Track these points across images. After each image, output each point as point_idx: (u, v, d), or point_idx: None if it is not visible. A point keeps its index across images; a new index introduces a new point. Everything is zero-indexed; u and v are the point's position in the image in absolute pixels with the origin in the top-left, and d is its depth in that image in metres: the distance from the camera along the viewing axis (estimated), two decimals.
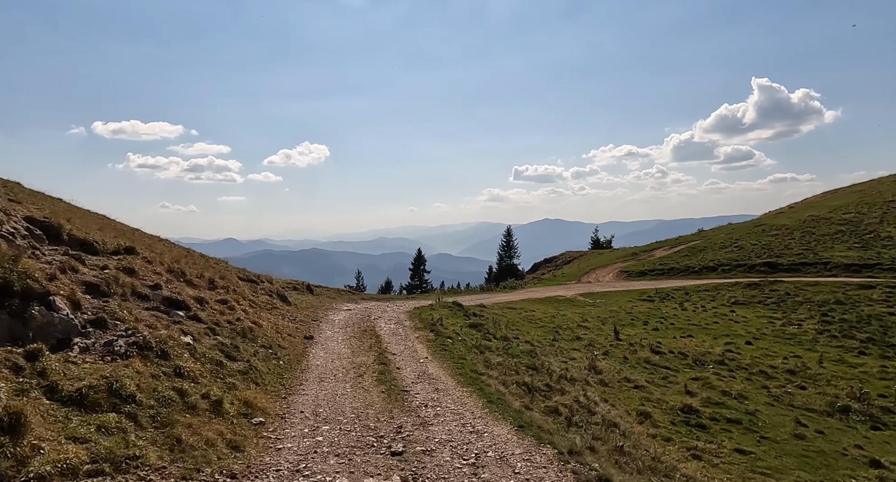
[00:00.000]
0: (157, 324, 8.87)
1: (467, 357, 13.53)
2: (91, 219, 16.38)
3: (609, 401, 15.41)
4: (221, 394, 7.55)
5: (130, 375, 6.29)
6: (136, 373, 6.54)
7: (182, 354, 7.98)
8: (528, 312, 31.66)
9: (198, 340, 9.11)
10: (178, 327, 9.13)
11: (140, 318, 8.88)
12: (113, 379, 5.92)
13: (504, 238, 70.80)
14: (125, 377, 6.10)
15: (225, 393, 7.85)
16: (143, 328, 8.22)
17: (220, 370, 8.55)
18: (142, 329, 8.05)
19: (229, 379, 8.47)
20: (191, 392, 6.93)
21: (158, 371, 7.11)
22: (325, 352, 13.28)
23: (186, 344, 8.39)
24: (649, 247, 56.20)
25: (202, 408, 6.84)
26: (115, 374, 6.04)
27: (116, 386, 5.83)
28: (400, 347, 14.54)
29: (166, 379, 7.01)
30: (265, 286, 21.70)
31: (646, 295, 38.12)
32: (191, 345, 8.49)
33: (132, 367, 6.62)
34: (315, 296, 29.67)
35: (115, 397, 5.73)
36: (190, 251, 21.67)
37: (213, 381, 7.96)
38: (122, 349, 7.07)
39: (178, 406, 6.48)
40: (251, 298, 18.25)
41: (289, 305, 22.00)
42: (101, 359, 6.80)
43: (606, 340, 25.36)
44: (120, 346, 7.08)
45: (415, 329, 18.08)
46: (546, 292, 41.41)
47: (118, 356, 6.92)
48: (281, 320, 17.22)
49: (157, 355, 7.46)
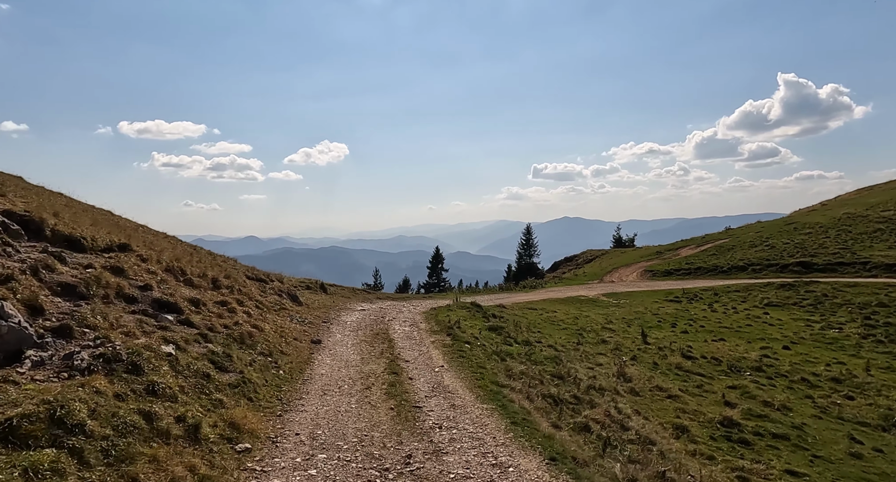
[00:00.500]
0: (137, 331, 7.84)
1: (487, 365, 12.34)
2: (88, 214, 15.51)
3: (642, 414, 14.11)
4: (202, 415, 6.47)
5: (85, 397, 5.23)
6: (94, 393, 5.48)
7: (159, 367, 6.92)
8: (549, 313, 30.40)
9: (183, 349, 8.05)
10: (161, 334, 8.09)
11: (118, 324, 7.86)
12: (59, 404, 4.85)
13: (523, 236, 69.38)
14: (76, 400, 5.03)
15: (207, 413, 6.77)
16: (118, 336, 7.18)
17: (205, 384, 7.48)
18: (115, 337, 7.01)
19: (216, 395, 7.40)
20: (162, 415, 5.85)
21: (126, 389, 6.05)
22: (333, 359, 12.19)
23: (167, 354, 7.34)
24: (674, 245, 54.38)
25: (175, 434, 5.77)
26: (64, 397, 4.98)
27: (61, 412, 4.76)
28: (414, 353, 13.40)
29: (134, 399, 5.95)
30: (275, 285, 20.73)
31: (672, 295, 36.57)
32: (173, 355, 7.43)
33: (91, 386, 5.57)
34: (329, 296, 28.70)
35: (58, 427, 4.66)
36: (197, 248, 20.78)
37: (194, 399, 6.90)
38: (84, 363, 6.02)
39: (144, 434, 5.40)
40: (258, 299, 17.27)
41: (300, 306, 21.01)
42: (55, 375, 5.77)
43: (634, 344, 24.00)
44: (81, 360, 6.04)
45: (430, 332, 16.93)
46: (567, 292, 40.06)
47: (77, 372, 5.88)
48: (288, 322, 16.20)
49: (128, 369, 6.41)
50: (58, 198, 16.93)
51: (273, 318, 15.45)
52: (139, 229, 18.48)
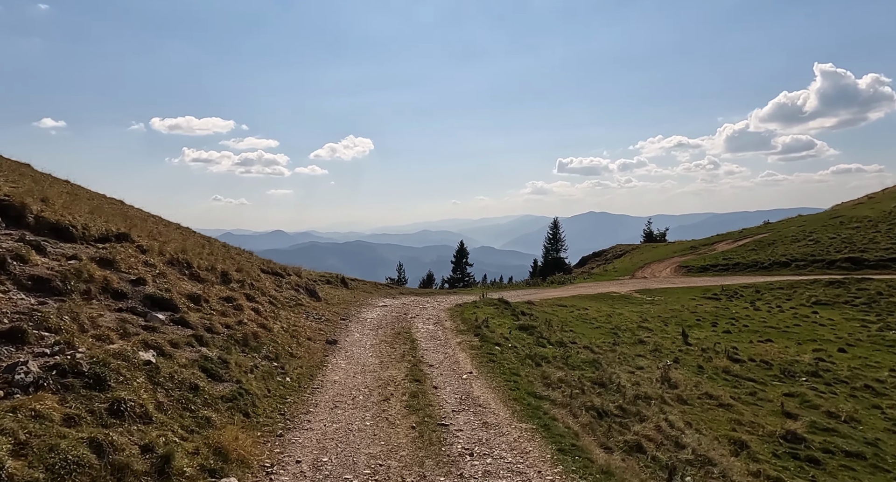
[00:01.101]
0: (114, 334, 6.64)
1: (521, 372, 10.93)
2: (92, 203, 14.48)
3: (693, 425, 12.56)
4: (179, 440, 5.23)
5: (13, 426, 4.01)
6: (30, 418, 4.26)
7: (132, 379, 5.70)
8: (580, 310, 28.85)
9: (169, 355, 6.83)
10: (144, 337, 6.88)
11: (92, 326, 6.68)
12: None
13: (550, 230, 67.52)
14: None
15: (188, 436, 5.53)
16: (85, 341, 5.99)
17: (191, 399, 6.25)
18: (80, 343, 5.81)
19: (203, 412, 6.15)
20: (122, 444, 4.61)
21: (81, 410, 4.83)
22: (348, 363, 10.92)
23: (145, 362, 6.11)
24: (710, 240, 52.07)
25: (137, 469, 4.52)
26: None
27: None
28: (439, 356, 12.06)
29: (89, 424, 4.73)
30: (292, 280, 19.60)
31: (710, 292, 34.65)
32: (152, 363, 6.20)
33: (29, 409, 4.36)
34: (350, 291, 27.55)
35: None
36: (211, 241, 19.73)
37: (174, 418, 5.67)
38: (30, 377, 4.81)
39: (90, 474, 4.17)
40: (272, 294, 16.12)
41: (318, 301, 19.85)
42: None
43: (674, 344, 22.34)
44: (26, 373, 4.83)
45: (457, 332, 15.58)
46: (598, 288, 38.39)
47: (18, 389, 4.67)
48: (303, 320, 15.00)
49: (88, 384, 5.20)
50: (62, 185, 15.98)
51: (286, 316, 14.26)
52: (149, 220, 17.46)
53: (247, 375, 7.82)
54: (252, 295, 14.10)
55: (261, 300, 14.42)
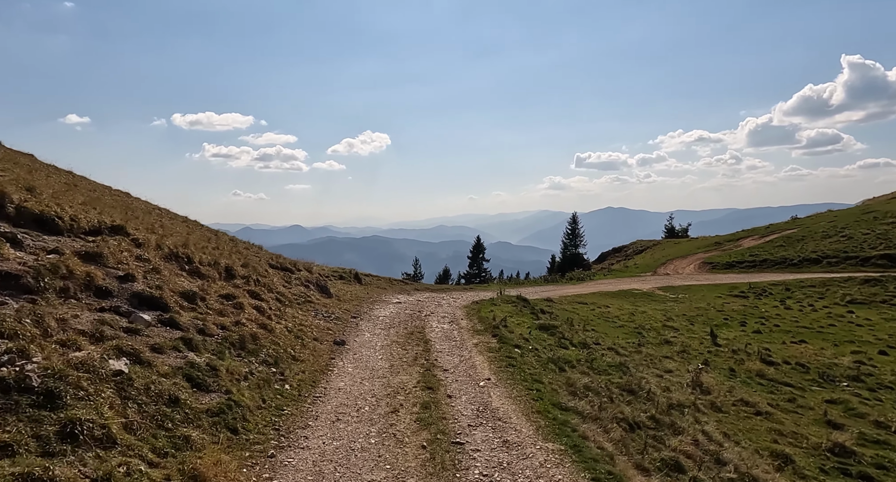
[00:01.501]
0: (83, 340, 5.83)
1: (544, 378, 9.99)
2: (91, 194, 13.79)
3: (731, 437, 11.52)
4: (144, 468, 4.39)
5: None
6: None
7: (96, 395, 4.89)
8: (601, 308, 27.79)
9: (147, 363, 6.02)
10: (117, 342, 6.07)
11: (60, 329, 5.88)
12: None
13: (569, 226, 66.28)
14: None
15: (160, 461, 4.70)
16: (46, 349, 5.18)
17: (169, 414, 5.42)
18: (37, 351, 5.01)
19: (181, 430, 5.33)
20: (66, 479, 3.79)
21: (23, 435, 4.02)
22: (356, 367, 10.07)
23: (115, 372, 5.30)
24: (735, 236, 50.46)
25: None
26: None
27: None
28: (454, 359, 11.17)
29: (31, 452, 3.92)
30: (302, 275, 18.82)
31: (737, 290, 33.33)
32: (123, 373, 5.38)
33: None
34: (363, 287, 26.77)
35: None
36: (218, 234, 19.03)
37: (143, 441, 4.84)
38: None
39: None
40: (280, 291, 15.35)
41: (328, 298, 19.07)
42: None
43: (702, 345, 21.23)
44: None
45: (473, 332, 14.67)
46: (619, 285, 37.24)
47: None
48: (311, 318, 14.19)
49: (38, 402, 4.40)
50: (62, 176, 15.33)
51: (293, 314, 13.46)
52: (153, 212, 16.78)
53: (239, 384, 6.99)
54: (257, 292, 13.32)
55: (266, 297, 13.64)
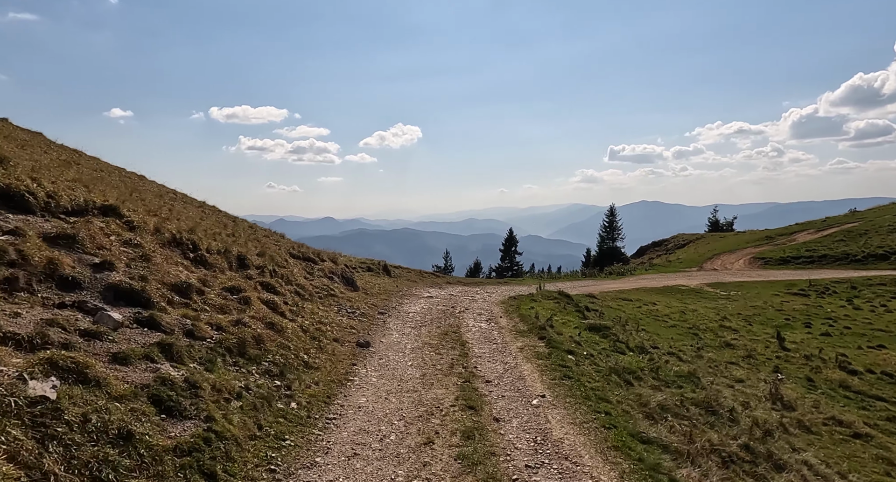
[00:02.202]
0: (5, 351, 4.28)
1: (610, 395, 8.14)
2: (91, 173, 12.41)
3: (835, 468, 9.50)
4: None
5: None
6: None
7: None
8: (648, 306, 25.68)
9: (95, 382, 4.42)
10: (52, 353, 4.48)
11: None
12: None
13: (606, 218, 63.60)
14: None
15: None
16: None
17: (113, 459, 3.82)
18: None
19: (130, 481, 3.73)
20: None
21: None
22: (381, 376, 8.39)
23: (34, 400, 3.71)
24: (787, 229, 47.36)
25: None
26: None
27: None
28: (497, 367, 9.41)
29: None
30: (325, 266, 17.27)
31: (796, 288, 30.73)
32: (48, 401, 3.80)
33: None
34: (392, 279, 25.19)
35: None
36: (236, 220, 17.59)
37: None
38: None
39: None
40: (300, 283, 13.81)
41: (354, 291, 17.51)
42: None
43: (768, 349, 19.05)
44: None
45: (516, 333, 12.87)
46: (663, 280, 34.94)
47: None
48: (333, 314, 12.59)
49: None
50: (67, 154, 14.01)
51: (312, 310, 11.87)
52: (166, 195, 15.40)
53: (227, 405, 5.35)
54: (272, 284, 11.76)
55: (283, 290, 12.09)
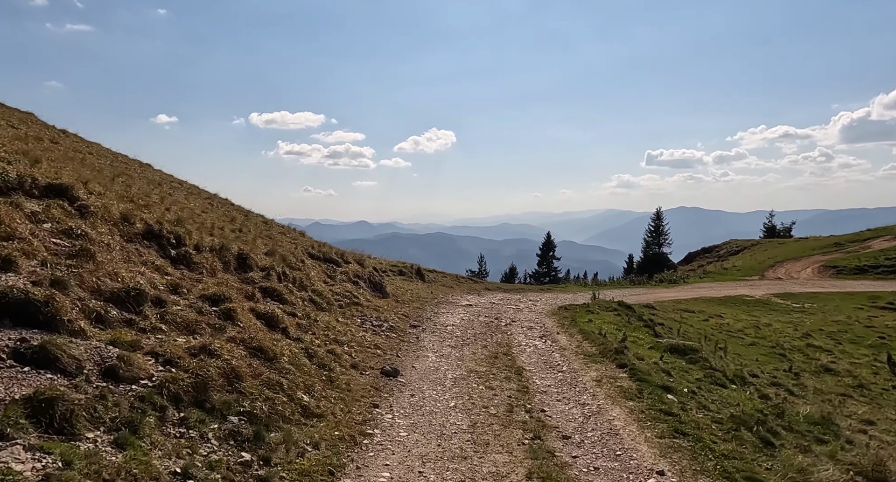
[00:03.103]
0: None
1: (757, 469, 5.40)
2: (71, 154, 10.22)
3: None
4: None
5: None
6: None
7: None
8: (715, 318, 22.59)
9: None
10: None
11: None
12: None
13: (652, 222, 59.91)
14: None
15: None
16: None
17: None
18: None
19: None
20: None
21: None
22: (412, 427, 5.84)
23: None
24: (859, 236, 43.16)
25: None
26: None
27: None
28: (573, 413, 6.77)
29: None
30: (350, 269, 14.86)
31: (882, 301, 27.04)
32: None
33: None
34: (426, 284, 22.69)
35: None
36: (249, 214, 15.31)
37: None
38: None
39: None
40: (318, 288, 11.41)
41: (383, 298, 15.07)
42: None
43: (878, 377, 15.93)
44: None
45: (584, 357, 10.15)
46: (723, 290, 31.56)
47: None
48: (354, 329, 10.12)
49: None
50: (52, 133, 11.92)
51: (328, 323, 9.43)
52: (167, 183, 13.20)
53: None
54: (279, 290, 9.36)
55: (294, 297, 9.68)
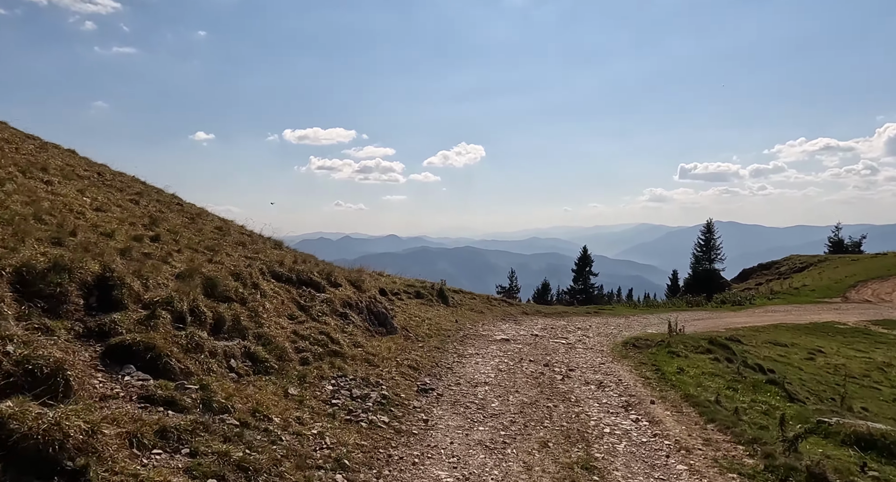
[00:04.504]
0: None
1: None
2: None
3: None
4: None
5: None
6: None
7: None
8: (819, 356, 17.63)
9: None
10: None
11: None
12: None
13: (702, 235, 54.04)
14: None
15: None
16: None
17: None
18: None
19: None
20: None
21: None
22: None
23: None
24: None
25: None
26: None
27: None
28: None
29: None
30: (338, 295, 10.46)
31: None
32: None
33: None
34: (450, 309, 18.19)
35: None
36: (200, 214, 11.01)
37: None
38: None
39: None
40: (267, 331, 7.09)
41: (387, 335, 10.67)
42: None
43: None
44: None
45: (723, 470, 5.55)
46: (803, 314, 26.33)
47: None
48: (309, 414, 5.74)
49: None
50: None
51: (252, 407, 5.08)
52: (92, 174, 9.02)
53: None
54: (154, 347, 5.01)
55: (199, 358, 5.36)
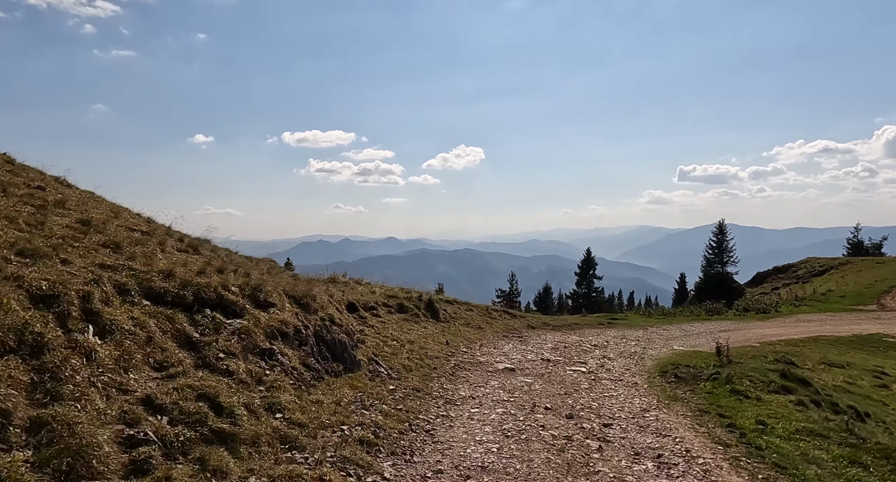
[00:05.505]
0: None
1: None
2: None
3: None
4: None
5: None
6: None
7: None
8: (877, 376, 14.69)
9: None
10: None
11: None
12: None
13: (714, 237, 50.82)
14: None
15: None
16: None
17: None
18: None
19: None
20: None
21: None
22: None
23: None
24: None
25: None
26: None
27: None
28: None
29: None
30: (266, 320, 7.31)
31: None
32: None
33: None
34: (441, 326, 15.05)
35: None
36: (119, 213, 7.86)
37: None
38: None
39: None
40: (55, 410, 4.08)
41: (343, 373, 7.60)
42: None
43: None
44: None
45: None
46: (840, 324, 23.42)
47: None
48: None
49: None
50: None
51: None
52: None
53: None
54: None
55: None
